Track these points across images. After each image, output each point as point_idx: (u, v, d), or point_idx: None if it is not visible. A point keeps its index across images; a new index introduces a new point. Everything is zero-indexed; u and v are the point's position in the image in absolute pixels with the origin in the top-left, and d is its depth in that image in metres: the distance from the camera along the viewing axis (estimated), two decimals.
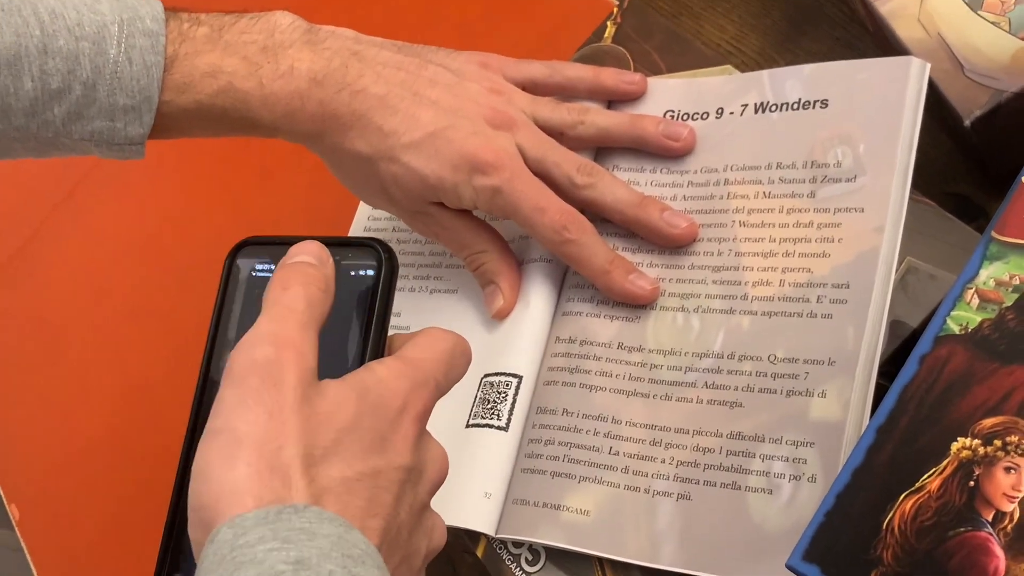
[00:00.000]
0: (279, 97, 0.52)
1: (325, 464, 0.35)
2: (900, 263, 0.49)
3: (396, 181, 0.53)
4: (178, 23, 0.51)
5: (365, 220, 0.64)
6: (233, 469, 0.34)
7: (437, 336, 0.41)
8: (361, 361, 0.40)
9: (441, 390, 0.41)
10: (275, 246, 0.42)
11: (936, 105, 0.52)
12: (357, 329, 0.41)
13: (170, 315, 0.77)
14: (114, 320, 0.80)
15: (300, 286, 0.38)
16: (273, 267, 0.40)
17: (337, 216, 0.66)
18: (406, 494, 0.38)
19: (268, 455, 0.34)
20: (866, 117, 0.51)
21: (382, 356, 0.41)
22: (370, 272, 0.41)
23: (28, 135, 0.50)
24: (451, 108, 0.53)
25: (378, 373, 0.39)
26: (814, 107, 0.53)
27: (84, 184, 0.84)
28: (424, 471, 0.39)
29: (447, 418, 0.55)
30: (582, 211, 0.54)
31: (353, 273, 0.42)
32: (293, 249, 0.40)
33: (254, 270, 0.42)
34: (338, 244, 0.42)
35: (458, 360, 0.42)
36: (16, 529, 0.75)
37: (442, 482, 0.41)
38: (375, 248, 0.42)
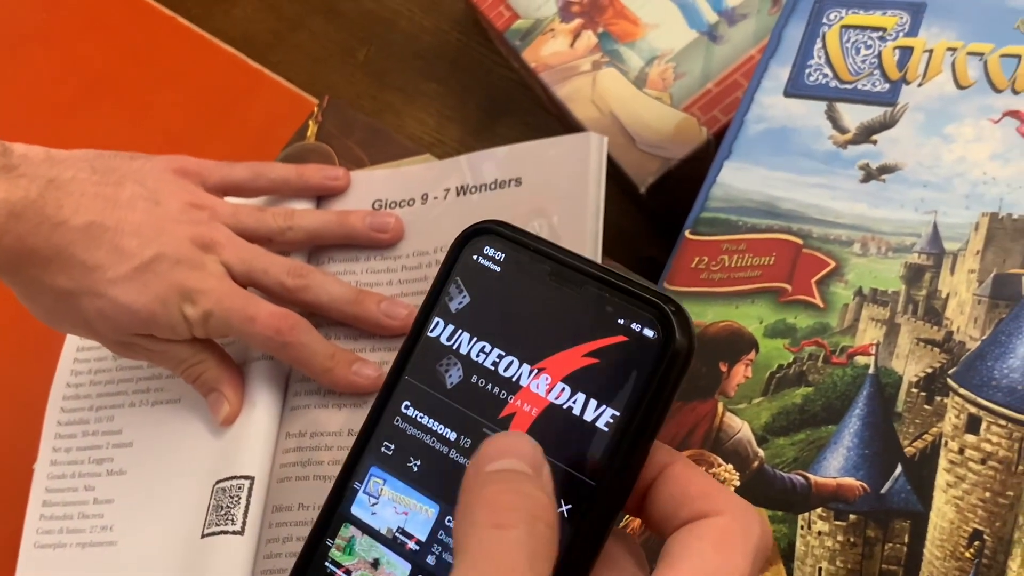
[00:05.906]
0: None
1: None
2: None
3: (102, 315, 0.52)
4: None
5: (74, 351, 0.62)
6: None
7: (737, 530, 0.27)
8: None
9: None
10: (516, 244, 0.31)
11: (617, 176, 0.56)
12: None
13: None
14: None
15: (524, 525, 0.26)
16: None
17: None
18: None
19: None
20: (556, 190, 0.55)
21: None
22: (649, 334, 0.28)
23: None
24: (153, 236, 0.52)
25: None
26: (509, 185, 0.57)
27: None
28: None
29: (181, 531, 0.53)
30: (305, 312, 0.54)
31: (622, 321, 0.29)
32: (496, 445, 0.27)
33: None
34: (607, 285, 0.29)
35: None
36: None
37: None
38: (661, 306, 0.28)
